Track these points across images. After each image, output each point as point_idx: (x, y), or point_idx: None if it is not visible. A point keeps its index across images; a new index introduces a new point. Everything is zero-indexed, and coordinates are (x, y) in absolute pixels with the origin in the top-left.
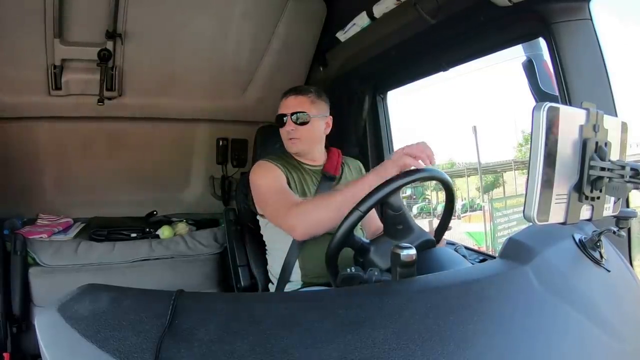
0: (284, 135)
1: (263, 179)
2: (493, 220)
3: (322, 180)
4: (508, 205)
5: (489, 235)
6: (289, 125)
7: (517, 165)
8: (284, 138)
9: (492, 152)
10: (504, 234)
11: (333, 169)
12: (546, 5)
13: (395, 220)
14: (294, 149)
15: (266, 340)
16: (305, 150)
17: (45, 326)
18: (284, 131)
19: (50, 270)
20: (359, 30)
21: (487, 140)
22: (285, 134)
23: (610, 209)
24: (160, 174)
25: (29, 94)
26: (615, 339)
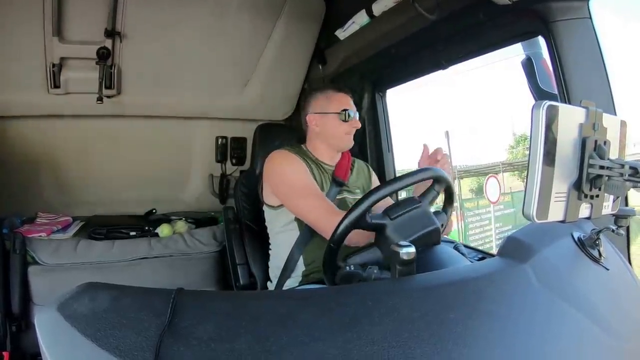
0: (344, 130)
1: (291, 172)
2: (464, 219)
3: (332, 184)
4: (480, 205)
5: (461, 233)
6: (356, 122)
7: (504, 167)
8: (342, 132)
9: (487, 153)
10: (476, 232)
11: (343, 174)
12: (546, 3)
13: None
14: (351, 143)
15: (265, 338)
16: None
17: (45, 325)
18: (347, 126)
19: (50, 268)
20: (358, 28)
21: (483, 141)
22: (347, 129)
23: (609, 208)
24: (159, 172)
25: (27, 92)
26: (614, 337)
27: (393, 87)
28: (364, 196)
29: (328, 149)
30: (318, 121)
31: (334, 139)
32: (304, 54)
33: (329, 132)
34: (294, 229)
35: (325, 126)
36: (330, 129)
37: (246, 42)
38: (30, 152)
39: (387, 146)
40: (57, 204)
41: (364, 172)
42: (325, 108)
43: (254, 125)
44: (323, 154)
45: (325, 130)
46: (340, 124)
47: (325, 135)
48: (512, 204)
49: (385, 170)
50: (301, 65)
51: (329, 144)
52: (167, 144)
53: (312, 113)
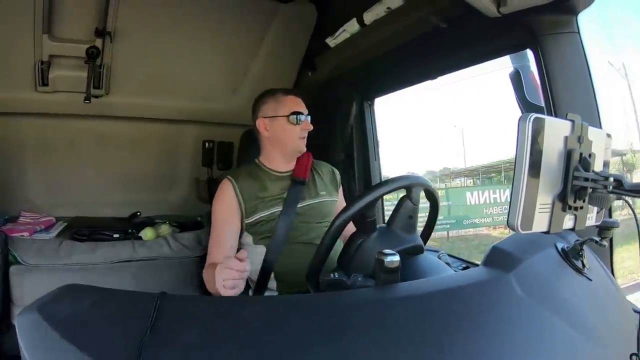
0: (298, 133)
1: (216, 209)
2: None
3: (292, 186)
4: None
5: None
6: (307, 125)
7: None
8: (297, 136)
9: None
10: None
11: (302, 172)
12: (534, 17)
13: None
14: (304, 146)
15: (249, 345)
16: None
17: (25, 326)
18: (300, 129)
19: (32, 269)
20: (349, 36)
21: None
22: (300, 132)
23: (593, 219)
24: (145, 174)
25: (15, 90)
26: (598, 346)
27: (381, 96)
28: (358, 196)
29: (281, 155)
30: (268, 125)
31: (285, 144)
32: (294, 61)
33: (280, 136)
34: (260, 247)
35: (276, 130)
36: (280, 133)
37: (237, 47)
38: (15, 150)
39: (374, 154)
40: (41, 204)
41: (329, 175)
42: (275, 111)
43: (241, 130)
44: (277, 162)
45: (275, 134)
46: (291, 128)
47: (276, 139)
48: (447, 198)
49: (372, 178)
50: (291, 71)
51: (281, 149)
52: (154, 147)
53: (262, 117)
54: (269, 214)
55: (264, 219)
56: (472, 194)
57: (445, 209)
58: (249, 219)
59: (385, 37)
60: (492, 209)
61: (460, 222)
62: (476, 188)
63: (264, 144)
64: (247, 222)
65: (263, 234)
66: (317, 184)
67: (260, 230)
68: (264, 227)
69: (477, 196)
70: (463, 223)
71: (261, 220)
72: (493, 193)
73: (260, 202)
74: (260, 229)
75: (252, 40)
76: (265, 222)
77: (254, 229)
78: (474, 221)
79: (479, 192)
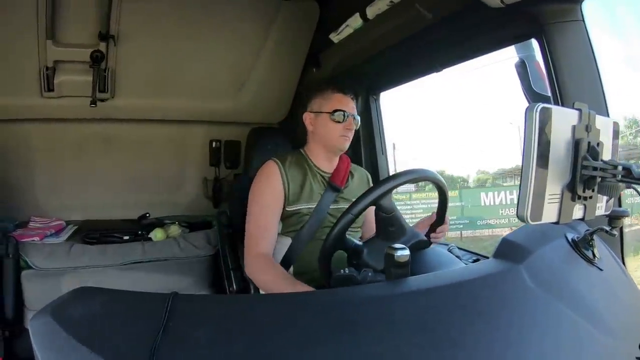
0: (339, 131)
1: (260, 194)
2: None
3: (327, 189)
4: (413, 198)
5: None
6: (350, 124)
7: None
8: (337, 134)
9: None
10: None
11: (340, 179)
12: (538, 6)
13: (387, 222)
14: (346, 145)
15: (261, 342)
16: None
17: (39, 330)
18: (341, 127)
19: (43, 273)
20: (352, 31)
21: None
22: (341, 130)
23: (602, 209)
24: (153, 176)
25: (21, 96)
26: (609, 337)
27: (387, 90)
28: (361, 196)
29: (323, 151)
30: (312, 120)
31: (326, 140)
32: (298, 58)
33: (322, 132)
34: (286, 238)
35: (318, 126)
36: (322, 128)
37: (241, 46)
38: (24, 156)
39: (381, 148)
40: (51, 208)
41: (363, 180)
42: (320, 107)
43: (248, 129)
44: (319, 157)
45: (317, 130)
46: (332, 125)
47: (318, 135)
48: (460, 198)
49: (379, 172)
50: (295, 68)
51: (323, 145)
52: (161, 148)
53: (308, 112)
54: (307, 207)
55: (302, 210)
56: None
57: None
58: (290, 207)
59: (388, 31)
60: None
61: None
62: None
63: (309, 138)
64: (287, 210)
65: (293, 226)
66: (352, 190)
67: (291, 222)
68: (296, 219)
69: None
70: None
71: (299, 211)
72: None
73: (303, 192)
74: (292, 220)
75: (255, 38)
76: (300, 214)
77: (288, 219)
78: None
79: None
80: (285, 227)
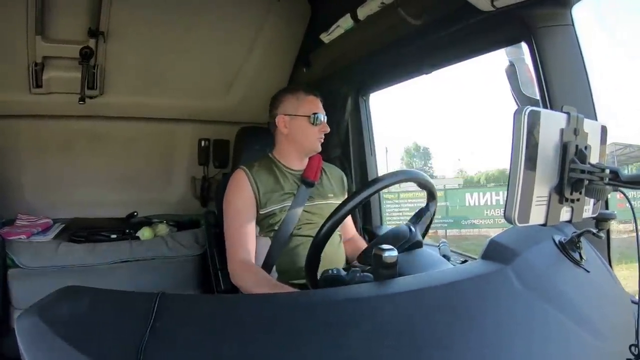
0: (316, 134)
1: (231, 199)
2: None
3: (301, 186)
4: (401, 198)
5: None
6: (325, 127)
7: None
8: (315, 137)
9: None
10: (393, 216)
11: (312, 174)
12: (529, 10)
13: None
14: (320, 147)
15: (248, 342)
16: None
17: (25, 330)
18: (318, 130)
19: (30, 272)
20: (343, 32)
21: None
22: (318, 133)
23: (589, 211)
24: (141, 174)
25: (9, 92)
26: (596, 338)
27: (376, 91)
28: (351, 195)
29: (295, 152)
30: (287, 123)
31: (302, 143)
32: (288, 57)
33: (298, 135)
34: (265, 239)
35: (294, 129)
36: (299, 132)
37: (231, 45)
38: (11, 152)
39: (370, 150)
40: (38, 206)
41: (338, 179)
42: (295, 110)
43: (236, 128)
44: (290, 158)
45: (293, 133)
46: (310, 128)
47: (293, 138)
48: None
49: (368, 173)
50: (285, 68)
51: (298, 147)
52: (150, 146)
53: (282, 114)
54: (280, 208)
55: (275, 212)
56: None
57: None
58: (263, 210)
59: (379, 32)
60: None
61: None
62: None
63: (280, 140)
64: (260, 213)
65: (270, 227)
66: (325, 186)
67: (268, 223)
68: (271, 220)
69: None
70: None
71: (272, 212)
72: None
73: (274, 194)
74: (268, 221)
75: (246, 37)
76: (274, 215)
77: (263, 221)
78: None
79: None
80: (263, 228)
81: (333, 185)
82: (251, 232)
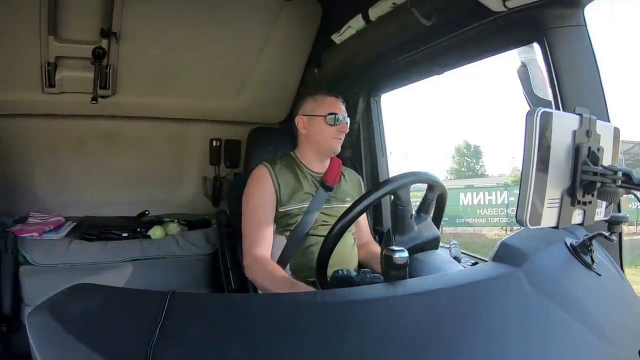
0: (333, 134)
1: (251, 195)
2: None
3: (320, 189)
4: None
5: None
6: (344, 127)
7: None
8: (331, 136)
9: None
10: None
11: (332, 178)
12: (541, 11)
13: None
14: (339, 147)
15: (257, 342)
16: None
17: (36, 326)
18: (335, 130)
19: (41, 269)
20: (354, 32)
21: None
22: (335, 133)
23: (601, 214)
24: (152, 173)
25: (22, 91)
26: (606, 342)
27: (388, 92)
28: (361, 197)
29: (315, 153)
30: (305, 123)
31: (320, 143)
32: (299, 58)
33: (315, 135)
34: (281, 238)
35: (312, 129)
36: (316, 132)
37: (243, 45)
38: (24, 152)
39: (381, 150)
40: (50, 204)
41: (356, 183)
42: (313, 110)
43: (248, 128)
44: (311, 159)
45: (311, 133)
46: (327, 128)
47: (311, 138)
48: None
49: (380, 174)
50: (297, 68)
51: (316, 148)
52: (161, 145)
53: (301, 115)
54: (299, 208)
55: (294, 212)
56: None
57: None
58: (282, 208)
59: (390, 33)
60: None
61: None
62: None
63: (301, 141)
64: (279, 211)
65: (286, 226)
66: (344, 190)
67: (285, 222)
68: (289, 219)
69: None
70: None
71: (291, 212)
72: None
73: (295, 194)
74: (285, 221)
75: (257, 38)
76: (292, 215)
77: (281, 220)
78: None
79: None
80: (280, 226)
81: (350, 189)
82: (269, 229)
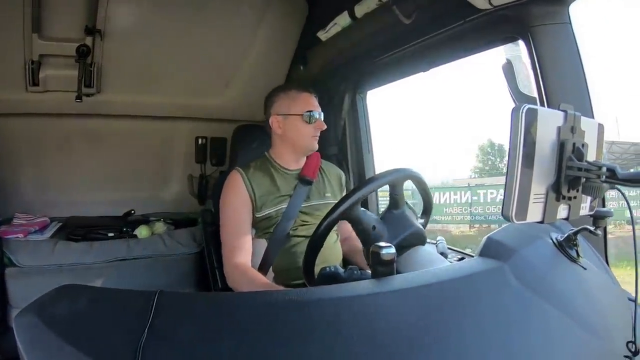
0: (311, 132)
1: (227, 204)
2: None
3: (298, 185)
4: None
5: None
6: (321, 124)
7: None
8: (309, 135)
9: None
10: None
11: (311, 172)
12: (526, 8)
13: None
14: (316, 145)
15: (246, 340)
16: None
17: (23, 328)
18: (313, 128)
19: (27, 271)
20: (340, 29)
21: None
22: (312, 131)
23: (586, 209)
24: (138, 172)
25: (5, 90)
26: (592, 335)
27: (374, 89)
28: (347, 195)
29: (292, 153)
30: (281, 123)
31: (297, 142)
32: (285, 55)
33: (293, 135)
34: (262, 240)
35: (288, 128)
36: (293, 131)
37: (228, 42)
38: (8, 151)
39: (367, 147)
40: (35, 204)
41: (336, 177)
42: (288, 109)
43: (234, 126)
44: (288, 159)
45: (288, 132)
46: (305, 126)
47: (288, 138)
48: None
49: (365, 171)
50: (282, 66)
51: (293, 147)
52: (147, 144)
53: (275, 115)
54: (276, 210)
55: (271, 215)
56: None
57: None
58: (259, 213)
59: (376, 30)
60: None
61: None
62: None
63: (275, 141)
64: (256, 216)
65: (266, 229)
66: (323, 185)
67: (264, 226)
68: (268, 222)
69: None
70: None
71: (268, 215)
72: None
73: (270, 197)
74: (264, 224)
75: (243, 35)
76: (270, 218)
77: (259, 224)
78: None
79: None
80: (259, 230)
81: (331, 183)
82: (247, 235)
